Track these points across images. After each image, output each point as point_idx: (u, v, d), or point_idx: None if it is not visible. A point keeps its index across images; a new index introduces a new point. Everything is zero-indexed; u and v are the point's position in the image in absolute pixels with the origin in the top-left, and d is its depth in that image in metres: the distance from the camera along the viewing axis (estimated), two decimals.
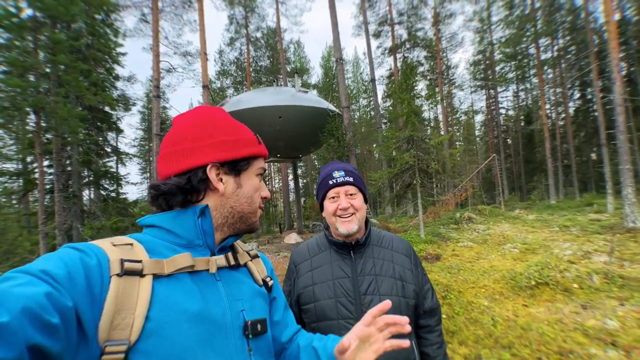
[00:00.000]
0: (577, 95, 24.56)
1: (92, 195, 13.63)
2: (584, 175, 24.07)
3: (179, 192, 0.63)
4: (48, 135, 9.66)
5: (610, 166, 12.85)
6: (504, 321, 3.69)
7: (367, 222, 1.20)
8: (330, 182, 1.13)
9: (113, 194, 13.22)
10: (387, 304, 0.66)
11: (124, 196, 13.58)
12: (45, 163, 10.16)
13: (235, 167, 0.67)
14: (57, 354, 0.40)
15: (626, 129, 9.02)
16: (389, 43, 23.10)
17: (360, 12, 20.86)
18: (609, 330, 3.26)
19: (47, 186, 10.43)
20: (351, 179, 1.12)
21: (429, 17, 23.11)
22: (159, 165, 0.66)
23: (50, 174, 11.13)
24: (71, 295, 0.44)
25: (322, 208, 1.20)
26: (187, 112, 0.71)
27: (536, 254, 6.72)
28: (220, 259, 0.66)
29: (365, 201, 1.18)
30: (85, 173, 12.73)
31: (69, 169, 11.91)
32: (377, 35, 23.55)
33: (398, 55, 22.90)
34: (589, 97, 22.81)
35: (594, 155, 24.76)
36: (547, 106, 22.70)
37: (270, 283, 0.77)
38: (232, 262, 0.68)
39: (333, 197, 1.13)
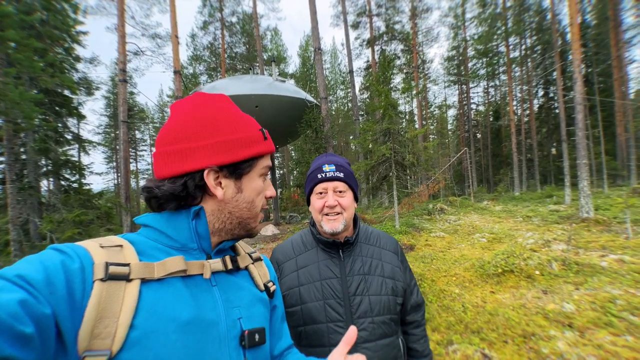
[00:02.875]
0: (541, 93, 26.02)
1: (51, 186, 12.64)
2: (545, 168, 25.73)
3: (173, 198, 0.57)
4: None
5: (568, 160, 13.82)
6: (474, 307, 3.88)
7: (356, 219, 1.14)
8: (319, 176, 1.04)
9: (75, 185, 12.28)
10: (354, 331, 0.62)
11: (88, 187, 12.64)
12: None
13: (236, 170, 0.61)
14: None
15: (584, 126, 9.67)
16: (367, 35, 23.11)
17: (339, 1, 20.61)
18: (566, 313, 3.51)
19: None
20: (342, 175, 1.04)
21: (407, 11, 23.36)
22: (155, 164, 0.60)
23: (1, 162, 10.19)
24: (49, 302, 0.40)
25: (309, 202, 1.12)
26: (186, 99, 0.62)
27: (502, 243, 7.12)
28: (216, 263, 0.60)
29: (356, 199, 1.10)
30: (43, 162, 11.73)
31: (23, 157, 10.94)
32: (356, 26, 23.47)
33: (376, 48, 22.99)
34: (552, 95, 24.24)
35: (554, 150, 26.54)
36: (514, 103, 23.88)
37: (272, 288, 0.71)
38: (230, 267, 0.63)
39: (320, 193, 1.05)
